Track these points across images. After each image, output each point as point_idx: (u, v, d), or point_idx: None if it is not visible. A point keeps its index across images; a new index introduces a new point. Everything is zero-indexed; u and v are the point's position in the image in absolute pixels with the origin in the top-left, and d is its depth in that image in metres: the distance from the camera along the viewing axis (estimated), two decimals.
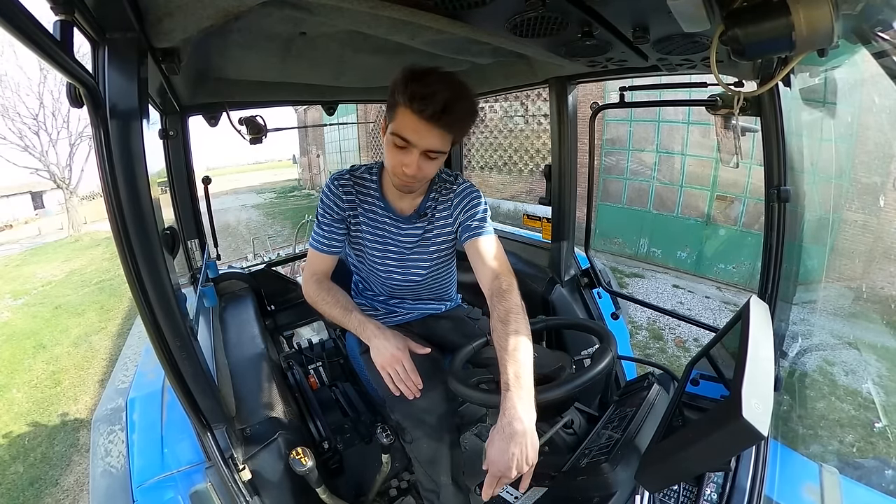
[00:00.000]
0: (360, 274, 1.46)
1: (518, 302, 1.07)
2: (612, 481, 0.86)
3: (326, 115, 2.09)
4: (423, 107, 0.97)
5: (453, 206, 1.27)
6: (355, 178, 1.28)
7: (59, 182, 16.17)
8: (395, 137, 1.04)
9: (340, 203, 1.25)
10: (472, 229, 1.21)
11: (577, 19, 0.93)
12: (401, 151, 1.05)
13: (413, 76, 0.99)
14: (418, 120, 0.99)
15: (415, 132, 1.02)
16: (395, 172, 1.10)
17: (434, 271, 1.38)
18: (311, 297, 1.28)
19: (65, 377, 5.64)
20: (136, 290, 0.81)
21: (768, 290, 1.18)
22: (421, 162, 1.06)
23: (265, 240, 8.71)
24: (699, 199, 6.71)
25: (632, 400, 1.15)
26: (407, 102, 0.99)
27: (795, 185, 1.14)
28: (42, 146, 15.57)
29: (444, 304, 1.54)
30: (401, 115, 1.02)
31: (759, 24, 0.64)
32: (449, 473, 1.16)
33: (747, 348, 0.74)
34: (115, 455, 1.13)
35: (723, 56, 0.93)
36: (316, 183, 19.23)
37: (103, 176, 0.73)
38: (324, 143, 18.53)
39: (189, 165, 1.78)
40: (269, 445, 1.18)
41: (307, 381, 1.70)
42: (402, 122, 1.02)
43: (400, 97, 1.00)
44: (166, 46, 0.87)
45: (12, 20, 0.48)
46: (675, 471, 0.78)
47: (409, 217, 1.29)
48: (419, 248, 1.32)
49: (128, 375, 1.38)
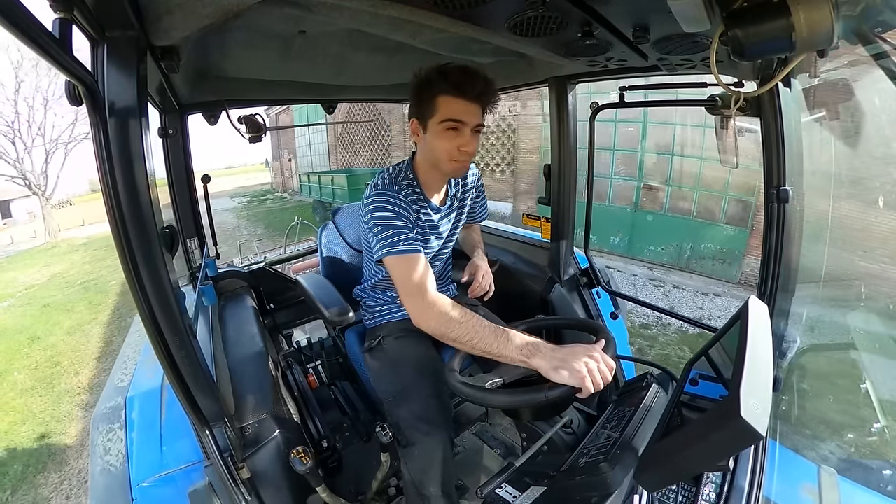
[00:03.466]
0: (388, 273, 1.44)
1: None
2: (610, 481, 0.87)
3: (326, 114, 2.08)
4: (468, 89, 1.11)
5: (475, 190, 1.50)
6: (402, 179, 1.28)
7: (34, 189, 16.25)
8: (446, 123, 1.13)
9: (408, 206, 1.22)
10: (478, 216, 1.56)
11: (578, 19, 0.93)
12: (455, 134, 1.15)
13: (447, 70, 1.11)
14: (465, 102, 1.12)
15: (465, 112, 1.13)
16: (452, 157, 1.18)
17: (450, 252, 1.50)
18: (445, 321, 1.03)
19: (63, 359, 6.03)
20: (135, 288, 0.81)
21: (767, 290, 1.18)
22: (472, 139, 1.17)
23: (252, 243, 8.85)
24: (629, 189, 7.57)
25: (630, 400, 1.15)
26: (451, 90, 1.11)
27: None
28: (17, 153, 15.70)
29: (448, 287, 1.59)
30: (444, 104, 1.12)
31: (759, 24, 0.64)
32: (440, 484, 1.12)
33: (746, 348, 0.74)
34: (115, 453, 1.13)
35: (723, 56, 0.93)
36: (288, 186, 19.38)
37: (102, 174, 0.73)
38: (295, 147, 18.89)
39: (188, 164, 1.78)
40: (268, 444, 1.18)
41: (306, 380, 1.70)
42: (448, 109, 1.12)
43: (440, 88, 1.11)
44: (166, 45, 0.87)
45: (11, 18, 0.48)
46: (674, 471, 0.78)
47: (443, 208, 1.38)
48: (452, 234, 1.45)
49: (127, 374, 1.38)
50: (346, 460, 1.44)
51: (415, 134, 1.23)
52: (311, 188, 13.51)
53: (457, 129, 1.14)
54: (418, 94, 1.16)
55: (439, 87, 1.11)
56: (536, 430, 1.10)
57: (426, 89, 1.14)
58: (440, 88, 1.11)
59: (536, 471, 1.03)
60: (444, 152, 1.18)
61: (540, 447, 1.04)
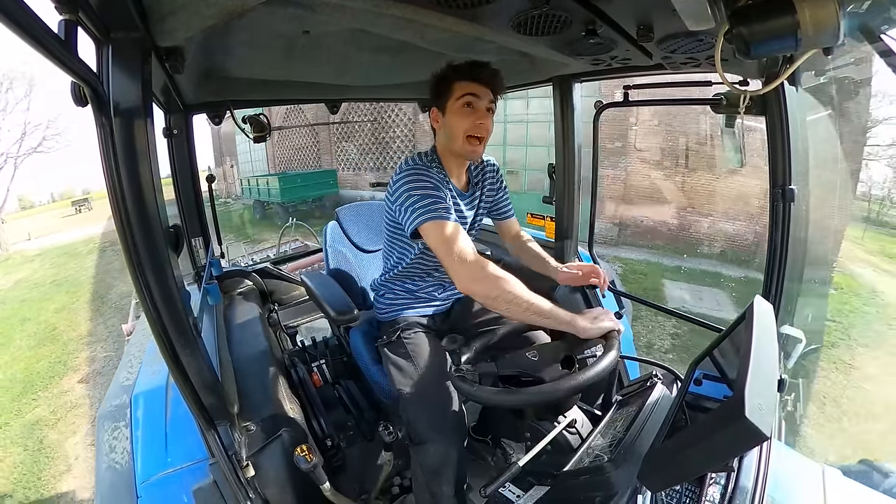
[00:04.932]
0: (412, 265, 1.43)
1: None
2: (614, 481, 0.86)
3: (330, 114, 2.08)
4: (479, 74, 1.22)
5: (497, 182, 1.52)
6: (430, 161, 1.32)
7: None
8: (463, 99, 1.22)
9: (440, 182, 1.26)
10: (511, 212, 1.58)
11: (582, 17, 0.93)
12: (470, 111, 1.23)
13: (460, 63, 1.24)
14: (478, 85, 1.23)
15: (478, 90, 1.23)
16: (470, 131, 1.25)
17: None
18: (495, 282, 1.05)
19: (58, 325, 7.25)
20: (140, 287, 0.81)
21: (772, 290, 1.17)
22: (486, 116, 1.25)
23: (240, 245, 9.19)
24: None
25: (635, 400, 1.14)
26: (465, 76, 1.22)
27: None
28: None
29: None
30: (459, 87, 1.23)
31: (764, 22, 0.63)
32: (453, 485, 1.13)
33: (751, 348, 0.73)
34: (120, 451, 1.14)
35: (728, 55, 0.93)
36: (231, 191, 19.84)
37: (108, 175, 0.74)
38: (237, 154, 19.63)
39: (193, 164, 1.79)
40: (273, 443, 1.19)
41: (310, 379, 1.71)
42: (463, 88, 1.23)
43: (455, 76, 1.23)
44: (170, 45, 0.88)
45: (16, 20, 0.49)
46: (678, 471, 0.78)
47: (466, 194, 1.41)
48: (473, 224, 1.46)
49: (132, 372, 1.39)
50: (349, 459, 1.45)
51: (435, 121, 1.32)
52: (251, 190, 14.69)
53: (472, 104, 1.23)
54: (436, 87, 1.28)
55: (455, 76, 1.24)
56: (540, 430, 1.10)
57: (443, 80, 1.26)
58: (455, 76, 1.23)
59: (540, 470, 1.03)
60: (461, 129, 1.25)
61: (544, 447, 1.04)
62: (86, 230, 16.95)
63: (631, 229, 8.98)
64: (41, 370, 5.72)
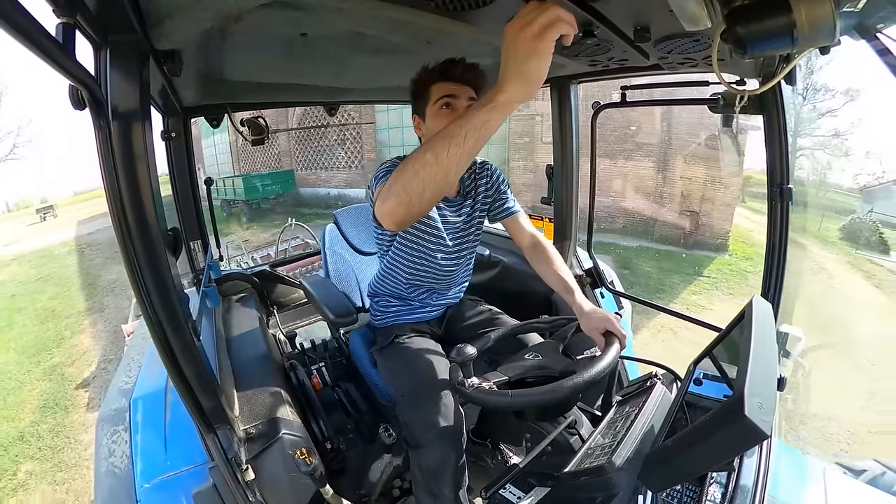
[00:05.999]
0: (402, 271, 1.42)
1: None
2: (614, 482, 0.86)
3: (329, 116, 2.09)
4: (453, 72, 1.19)
5: (493, 184, 1.46)
6: None
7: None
8: (440, 101, 1.20)
9: None
10: (511, 209, 1.45)
11: (579, 18, 0.92)
12: (449, 112, 1.21)
13: (433, 65, 1.22)
14: (454, 84, 1.20)
15: (456, 90, 1.20)
16: None
17: (471, 252, 1.46)
18: (388, 185, 0.81)
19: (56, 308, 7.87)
20: (139, 291, 0.81)
21: (771, 289, 1.17)
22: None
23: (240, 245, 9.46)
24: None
25: (635, 400, 1.14)
26: (439, 76, 1.20)
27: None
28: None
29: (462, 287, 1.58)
30: (436, 89, 1.21)
31: (760, 21, 0.63)
32: (452, 486, 1.13)
33: (750, 347, 0.73)
34: (119, 455, 1.14)
35: (724, 54, 0.93)
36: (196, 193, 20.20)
37: (106, 178, 0.74)
38: (203, 157, 19.82)
39: (191, 167, 1.79)
40: (272, 446, 1.18)
41: (310, 382, 1.70)
42: (440, 90, 1.21)
43: (430, 79, 1.22)
44: (168, 48, 0.88)
45: (14, 23, 0.49)
46: (679, 471, 0.78)
47: (457, 199, 1.38)
48: (468, 229, 1.42)
49: (131, 376, 1.38)
50: (349, 461, 1.44)
51: (417, 129, 1.31)
52: (219, 191, 15.57)
53: (450, 105, 1.21)
54: (415, 93, 1.28)
55: (429, 79, 1.22)
56: (541, 431, 1.10)
57: (420, 85, 1.25)
58: (430, 79, 1.22)
59: (540, 471, 1.03)
60: None
61: (544, 448, 1.04)
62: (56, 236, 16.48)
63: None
64: (50, 336, 6.93)
